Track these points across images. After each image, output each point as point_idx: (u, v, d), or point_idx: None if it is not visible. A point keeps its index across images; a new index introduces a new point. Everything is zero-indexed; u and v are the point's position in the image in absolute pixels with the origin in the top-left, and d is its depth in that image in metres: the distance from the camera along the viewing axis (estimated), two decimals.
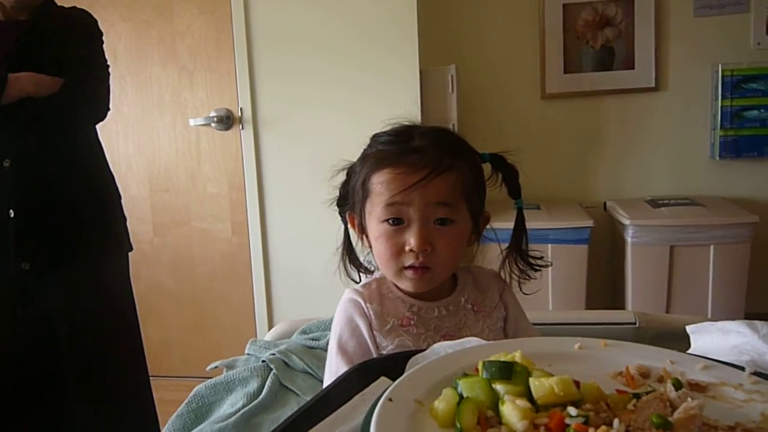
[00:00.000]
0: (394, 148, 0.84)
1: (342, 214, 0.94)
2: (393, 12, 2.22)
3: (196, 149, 2.46)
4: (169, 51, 2.43)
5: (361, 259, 0.95)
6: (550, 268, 2.04)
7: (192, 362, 2.55)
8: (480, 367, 0.52)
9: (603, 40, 2.55)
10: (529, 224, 0.94)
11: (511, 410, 0.48)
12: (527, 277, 0.92)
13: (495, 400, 0.49)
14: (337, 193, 0.94)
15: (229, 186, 2.46)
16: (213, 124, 2.40)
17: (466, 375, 0.53)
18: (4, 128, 1.40)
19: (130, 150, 2.50)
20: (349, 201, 0.90)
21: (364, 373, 0.60)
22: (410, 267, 0.82)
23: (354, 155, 0.92)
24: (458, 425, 0.47)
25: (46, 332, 1.49)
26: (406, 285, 0.85)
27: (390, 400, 0.50)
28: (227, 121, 2.40)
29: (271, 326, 2.46)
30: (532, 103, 2.60)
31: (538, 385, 0.49)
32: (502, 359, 0.52)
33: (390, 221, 0.82)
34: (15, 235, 1.41)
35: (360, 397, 0.54)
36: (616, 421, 0.46)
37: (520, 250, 0.91)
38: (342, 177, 0.93)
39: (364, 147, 0.90)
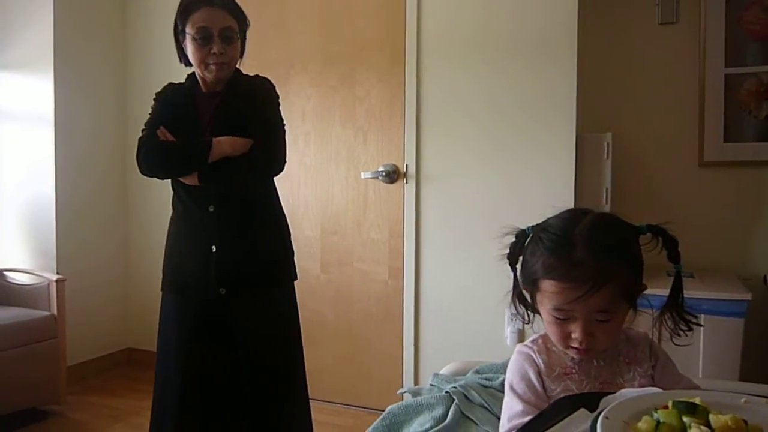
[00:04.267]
0: (558, 263, 0.94)
1: (512, 267, 1.08)
2: (552, 81, 2.40)
3: (363, 199, 2.77)
4: (348, 112, 2.79)
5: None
6: (702, 339, 2.05)
7: (343, 389, 2.81)
8: (670, 404, 0.68)
9: (767, 111, 2.54)
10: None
11: None
12: (679, 334, 1.01)
13: (683, 428, 0.65)
14: (508, 250, 1.08)
15: (390, 233, 2.73)
16: (380, 178, 2.70)
17: (657, 410, 0.69)
18: (210, 181, 1.70)
19: (308, 196, 2.88)
20: (523, 275, 1.04)
21: (568, 404, 0.78)
22: (575, 348, 0.97)
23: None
24: None
25: (229, 346, 1.76)
26: (572, 354, 1.00)
27: (606, 418, 0.70)
28: (393, 175, 2.69)
29: (417, 362, 2.66)
30: (689, 171, 2.61)
31: (716, 419, 0.66)
32: (686, 400, 0.68)
33: (557, 317, 0.97)
34: (216, 266, 1.72)
35: (569, 420, 0.71)
36: None
37: (676, 308, 1.01)
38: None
39: (532, 230, 1.03)
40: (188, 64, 1.75)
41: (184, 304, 1.77)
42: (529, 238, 1.03)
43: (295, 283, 1.89)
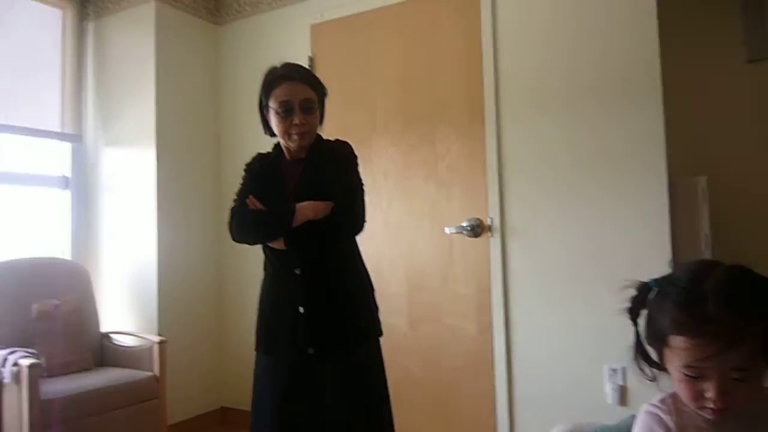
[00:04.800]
0: (689, 318, 0.90)
1: (633, 322, 1.03)
2: (638, 127, 2.36)
3: (449, 254, 2.78)
4: (430, 169, 2.84)
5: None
6: None
7: None
8: None
9: None
10: None
11: None
12: None
13: None
14: (629, 304, 1.03)
15: (477, 288, 2.70)
16: (465, 232, 2.70)
17: None
18: (295, 245, 1.76)
19: (393, 253, 2.91)
20: (648, 331, 0.99)
21: None
22: (709, 408, 0.91)
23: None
24: None
25: (320, 404, 1.77)
26: (705, 414, 0.93)
27: None
28: (477, 229, 2.68)
29: (512, 421, 2.57)
30: None
31: None
32: None
33: (689, 375, 0.91)
34: (304, 327, 1.76)
35: None
36: None
37: None
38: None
39: (655, 288, 0.98)
40: (273, 134, 1.86)
41: (275, 364, 1.82)
42: (653, 292, 0.99)
43: (382, 339, 1.90)
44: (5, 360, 2.41)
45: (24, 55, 3.16)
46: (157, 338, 2.84)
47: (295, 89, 1.78)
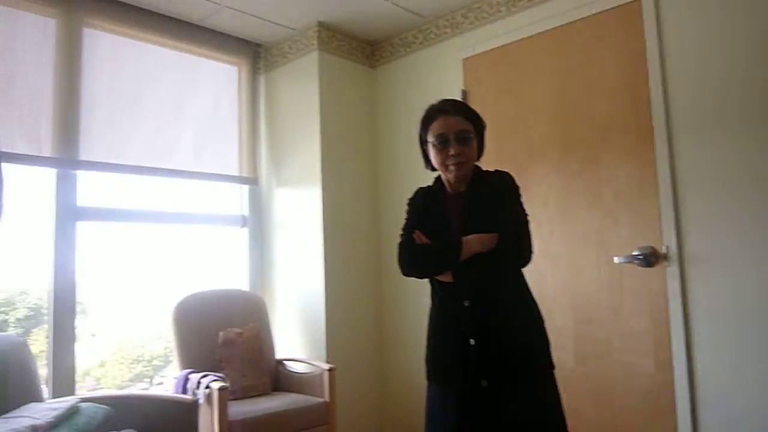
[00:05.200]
0: None
1: None
2: None
3: (618, 285, 2.61)
4: (594, 196, 2.72)
5: None
6: None
7: None
8: None
9: None
10: None
11: None
12: None
13: None
14: None
15: (652, 321, 2.50)
16: (636, 261, 2.53)
17: None
18: (463, 278, 1.77)
19: (556, 284, 2.81)
20: None
21: None
22: None
23: None
24: None
25: None
26: None
27: None
28: (651, 258, 2.50)
29: None
30: None
31: None
32: None
33: None
34: (476, 358, 1.74)
35: None
36: None
37: None
38: None
39: None
40: (433, 168, 1.91)
41: (447, 395, 1.82)
42: None
43: None
44: (199, 383, 2.68)
45: (208, 109, 3.58)
46: (326, 366, 2.99)
47: (450, 122, 1.83)
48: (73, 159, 2.93)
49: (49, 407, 2.01)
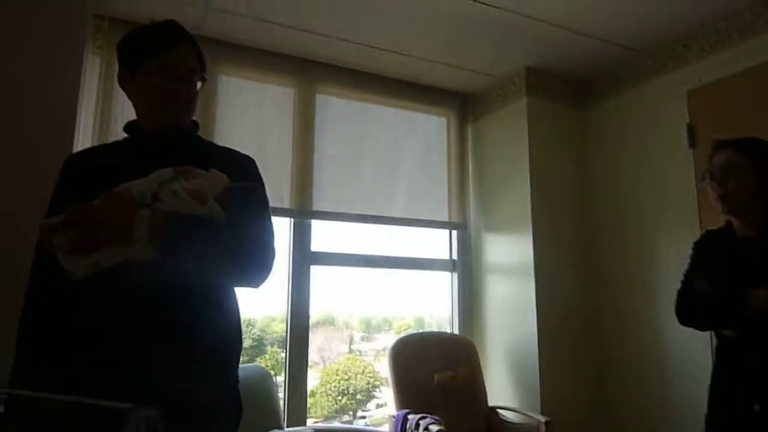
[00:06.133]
0: None
1: None
2: None
3: None
4: None
5: None
6: None
7: None
8: None
9: None
10: None
11: None
12: None
13: None
14: None
15: None
16: None
17: None
18: (747, 334, 1.58)
19: None
20: None
21: None
22: None
23: None
24: None
25: None
26: None
27: None
28: None
29: None
30: None
31: None
32: None
33: None
34: (762, 428, 1.52)
35: None
36: None
37: None
38: None
39: None
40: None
41: None
42: None
43: None
44: (418, 424, 2.76)
45: (420, 159, 3.78)
46: (543, 418, 2.88)
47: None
48: (307, 209, 3.30)
49: None
